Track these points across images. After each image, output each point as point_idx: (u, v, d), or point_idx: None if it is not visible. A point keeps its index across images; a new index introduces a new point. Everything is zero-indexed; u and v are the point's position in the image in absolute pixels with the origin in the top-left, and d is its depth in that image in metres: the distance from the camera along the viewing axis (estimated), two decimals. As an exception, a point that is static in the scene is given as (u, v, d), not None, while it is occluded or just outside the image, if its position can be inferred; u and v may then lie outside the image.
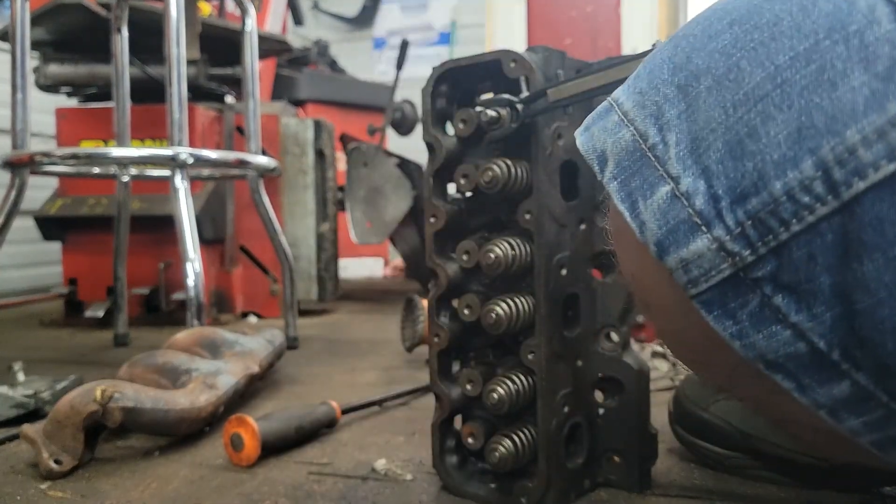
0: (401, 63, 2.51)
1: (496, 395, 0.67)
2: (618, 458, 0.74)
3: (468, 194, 0.71)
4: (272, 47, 2.27)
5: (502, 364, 0.73)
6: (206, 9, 2.12)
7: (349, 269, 3.10)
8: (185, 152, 1.29)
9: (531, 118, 0.65)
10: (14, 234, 1.48)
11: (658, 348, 1.20)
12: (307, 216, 2.09)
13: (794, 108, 0.30)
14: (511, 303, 0.67)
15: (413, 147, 2.17)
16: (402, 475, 0.79)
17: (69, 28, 1.91)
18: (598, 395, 0.75)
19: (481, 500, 0.72)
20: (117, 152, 1.44)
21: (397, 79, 2.51)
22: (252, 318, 2.07)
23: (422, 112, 0.73)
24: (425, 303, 1.15)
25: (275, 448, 0.86)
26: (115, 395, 0.84)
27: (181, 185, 1.30)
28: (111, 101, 1.68)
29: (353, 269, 3.17)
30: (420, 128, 0.74)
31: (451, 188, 0.73)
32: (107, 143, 2.00)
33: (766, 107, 0.31)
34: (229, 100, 2.19)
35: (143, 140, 1.99)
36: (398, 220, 2.19)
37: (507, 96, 0.64)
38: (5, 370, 1.10)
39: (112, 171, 1.65)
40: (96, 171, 1.67)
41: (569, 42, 1.34)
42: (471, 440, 0.72)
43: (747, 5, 0.34)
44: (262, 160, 1.52)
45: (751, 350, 0.33)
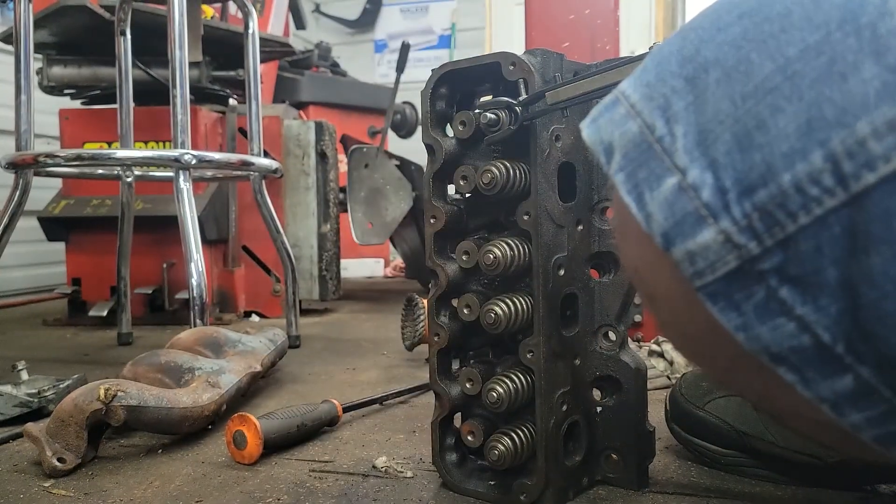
0: (401, 66, 2.51)
1: (495, 393, 0.68)
2: (616, 456, 0.74)
3: (467, 195, 0.72)
4: (274, 50, 2.28)
5: (501, 363, 0.74)
6: (209, 12, 2.12)
7: (350, 269, 3.11)
8: (188, 154, 1.30)
9: (530, 121, 0.66)
10: (18, 234, 1.49)
11: (655, 347, 1.20)
12: (309, 217, 2.10)
13: (803, 100, 0.30)
14: (510, 302, 0.68)
15: (413, 149, 2.17)
16: (402, 472, 0.80)
17: (73, 30, 1.92)
18: (596, 394, 0.76)
19: (481, 498, 0.73)
20: (121, 154, 1.45)
21: (398, 81, 2.52)
22: (254, 318, 2.08)
23: (421, 114, 0.73)
24: (425, 302, 1.16)
25: (277, 446, 0.87)
26: (119, 394, 0.84)
27: (184, 186, 1.31)
28: (114, 103, 1.69)
29: (355, 269, 3.18)
30: (420, 130, 0.75)
31: (451, 189, 0.73)
32: (110, 144, 2.01)
33: (775, 99, 0.31)
34: (232, 102, 2.20)
35: (146, 142, 2.00)
36: (398, 221, 2.21)
37: (506, 99, 0.65)
38: (9, 369, 1.11)
39: (116, 172, 1.66)
40: (100, 172, 1.68)
41: (567, 45, 1.35)
42: (470, 438, 0.73)
43: None
44: (265, 161, 1.53)
45: (755, 342, 0.33)
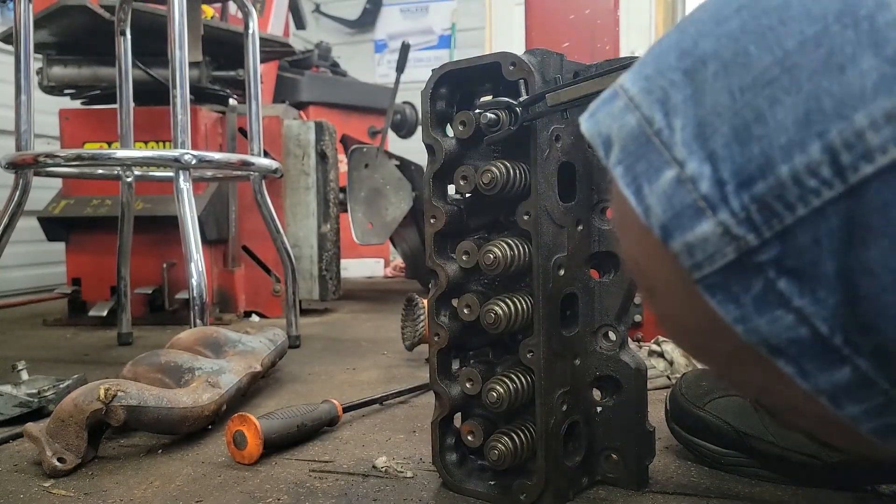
0: (401, 66, 2.51)
1: (495, 393, 0.68)
2: (615, 456, 0.74)
3: (467, 195, 0.72)
4: (274, 50, 2.28)
5: (501, 363, 0.74)
6: (209, 12, 2.13)
7: (350, 269, 3.12)
8: (188, 154, 1.30)
9: (530, 121, 0.66)
10: (18, 234, 1.49)
11: (655, 347, 1.20)
12: (309, 217, 2.10)
13: (802, 92, 0.30)
14: (510, 302, 0.68)
15: (413, 149, 2.18)
16: (402, 472, 0.80)
17: (73, 30, 1.92)
18: (596, 394, 0.76)
19: (481, 497, 0.73)
20: (121, 154, 1.45)
21: (398, 81, 2.52)
22: (254, 318, 2.08)
23: (421, 114, 0.73)
24: (425, 302, 1.16)
25: (277, 446, 0.87)
26: (119, 394, 0.84)
27: (184, 186, 1.31)
28: (114, 103, 1.69)
29: (355, 269, 3.18)
30: (420, 130, 0.75)
31: (451, 189, 0.73)
32: (110, 144, 2.01)
33: (773, 91, 0.31)
34: (232, 102, 2.20)
35: (146, 142, 2.00)
36: (398, 221, 2.21)
37: (506, 99, 0.65)
38: (9, 369, 1.11)
39: (116, 172, 1.66)
40: (100, 172, 1.68)
41: (567, 45, 1.35)
42: (470, 438, 0.73)
43: None
44: (265, 162, 1.53)
45: (753, 334, 0.33)
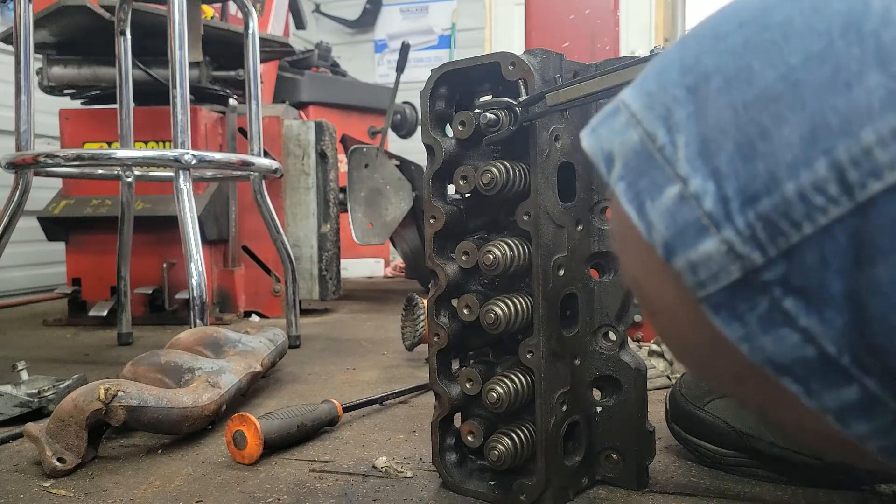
0: (401, 66, 2.51)
1: (495, 393, 0.68)
2: (616, 456, 0.74)
3: (467, 195, 0.72)
4: (274, 50, 2.28)
5: (501, 363, 0.74)
6: (209, 12, 2.13)
7: (350, 269, 3.12)
8: (188, 154, 1.30)
9: (529, 121, 0.66)
10: (18, 234, 1.49)
11: (655, 347, 1.20)
12: (309, 217, 2.10)
13: (807, 108, 0.30)
14: (510, 302, 0.68)
15: (413, 149, 2.18)
16: (402, 472, 0.80)
17: (73, 30, 1.92)
18: (596, 394, 0.76)
19: (481, 498, 0.73)
20: (121, 154, 1.45)
21: (398, 81, 2.52)
22: (254, 318, 2.08)
23: (421, 114, 0.73)
24: (425, 302, 1.16)
25: (277, 446, 0.87)
26: (119, 394, 0.84)
27: (184, 186, 1.31)
28: (114, 103, 1.69)
29: (355, 269, 3.18)
30: (420, 130, 0.75)
31: (451, 189, 0.73)
32: (110, 144, 2.01)
33: (778, 107, 0.31)
34: (232, 102, 2.20)
35: (146, 142, 2.00)
36: (398, 221, 2.21)
37: (506, 99, 0.65)
38: (9, 369, 1.11)
39: (116, 172, 1.66)
40: (100, 172, 1.68)
41: (567, 45, 1.35)
42: (470, 438, 0.73)
43: (758, 5, 0.33)
44: (265, 162, 1.53)
45: (759, 354, 0.32)
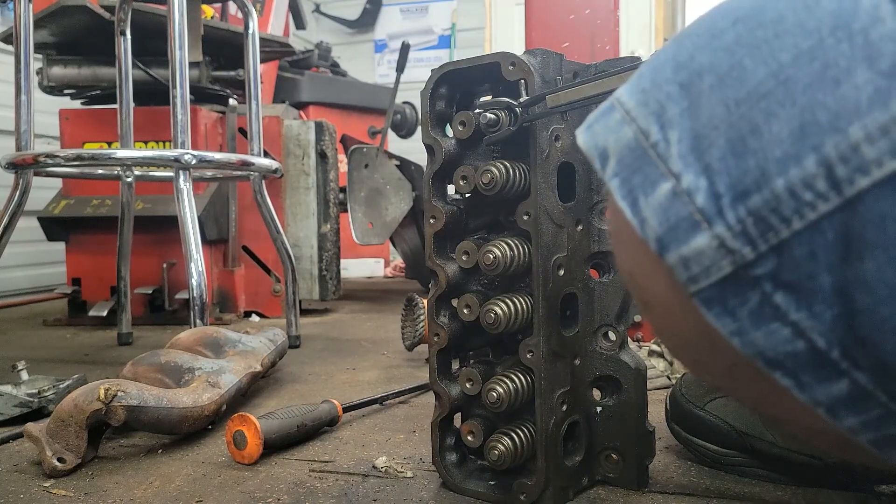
0: (401, 66, 2.51)
1: (495, 393, 0.68)
2: (616, 456, 0.74)
3: (467, 195, 0.72)
4: (274, 50, 2.28)
5: (501, 363, 0.74)
6: (209, 12, 2.13)
7: (350, 269, 3.12)
8: (188, 154, 1.30)
9: (529, 122, 0.66)
10: (18, 234, 1.49)
11: (655, 347, 1.21)
12: (309, 217, 2.11)
13: (797, 105, 0.30)
14: (510, 302, 0.68)
15: (413, 149, 2.18)
16: (402, 472, 0.80)
17: (73, 30, 1.92)
18: (596, 394, 0.76)
19: (481, 498, 0.73)
20: (121, 154, 1.45)
21: (398, 81, 2.52)
22: (254, 318, 2.08)
23: (421, 114, 0.73)
24: (425, 302, 1.16)
25: (277, 446, 0.87)
26: (119, 394, 0.84)
27: (184, 186, 1.31)
28: (114, 103, 1.69)
29: (355, 269, 3.18)
30: (420, 130, 0.75)
31: (451, 189, 0.73)
32: (110, 144, 2.01)
33: (769, 104, 0.31)
34: (232, 102, 2.20)
35: (146, 142, 2.01)
36: (398, 221, 2.21)
37: (506, 99, 0.65)
38: (9, 369, 1.11)
39: (116, 172, 1.66)
40: (100, 172, 1.68)
41: (567, 45, 1.35)
42: (470, 438, 0.73)
43: (751, 4, 0.34)
44: (265, 162, 1.53)
45: (750, 347, 0.33)
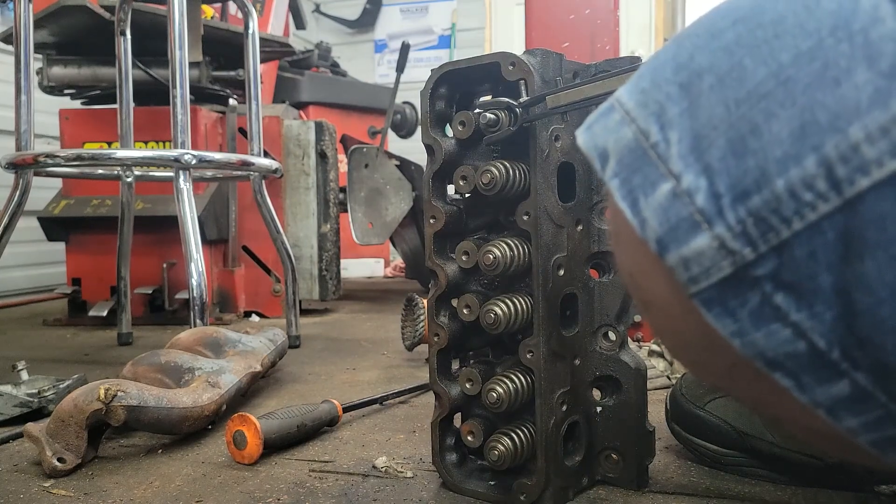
0: (401, 66, 2.51)
1: (495, 393, 0.68)
2: (615, 456, 0.74)
3: (467, 195, 0.72)
4: (274, 50, 2.28)
5: (501, 363, 0.74)
6: (209, 12, 2.13)
7: (350, 269, 3.12)
8: (188, 154, 1.30)
9: (529, 122, 0.66)
10: (18, 234, 1.49)
11: (655, 347, 1.21)
12: (309, 217, 2.11)
13: (797, 105, 0.30)
14: (510, 302, 0.68)
15: (413, 149, 2.18)
16: (402, 472, 0.80)
17: (73, 30, 1.92)
18: (596, 394, 0.76)
19: (481, 498, 0.73)
20: (121, 154, 1.45)
21: (398, 81, 2.52)
22: (254, 318, 2.08)
23: (421, 114, 0.73)
24: (425, 302, 1.16)
25: (277, 446, 0.87)
26: (119, 394, 0.84)
27: (184, 186, 1.31)
28: (114, 103, 1.69)
29: (355, 269, 3.18)
30: (420, 130, 0.75)
31: (451, 189, 0.73)
32: (110, 144, 2.01)
33: (768, 104, 0.31)
34: (232, 102, 2.20)
35: (146, 142, 2.01)
36: (398, 221, 2.21)
37: (506, 100, 0.65)
38: (9, 369, 1.11)
39: (116, 172, 1.66)
40: (100, 172, 1.68)
41: (567, 45, 1.35)
42: (470, 438, 0.73)
43: (751, 4, 0.34)
44: (265, 162, 1.53)
45: (750, 348, 0.33)
